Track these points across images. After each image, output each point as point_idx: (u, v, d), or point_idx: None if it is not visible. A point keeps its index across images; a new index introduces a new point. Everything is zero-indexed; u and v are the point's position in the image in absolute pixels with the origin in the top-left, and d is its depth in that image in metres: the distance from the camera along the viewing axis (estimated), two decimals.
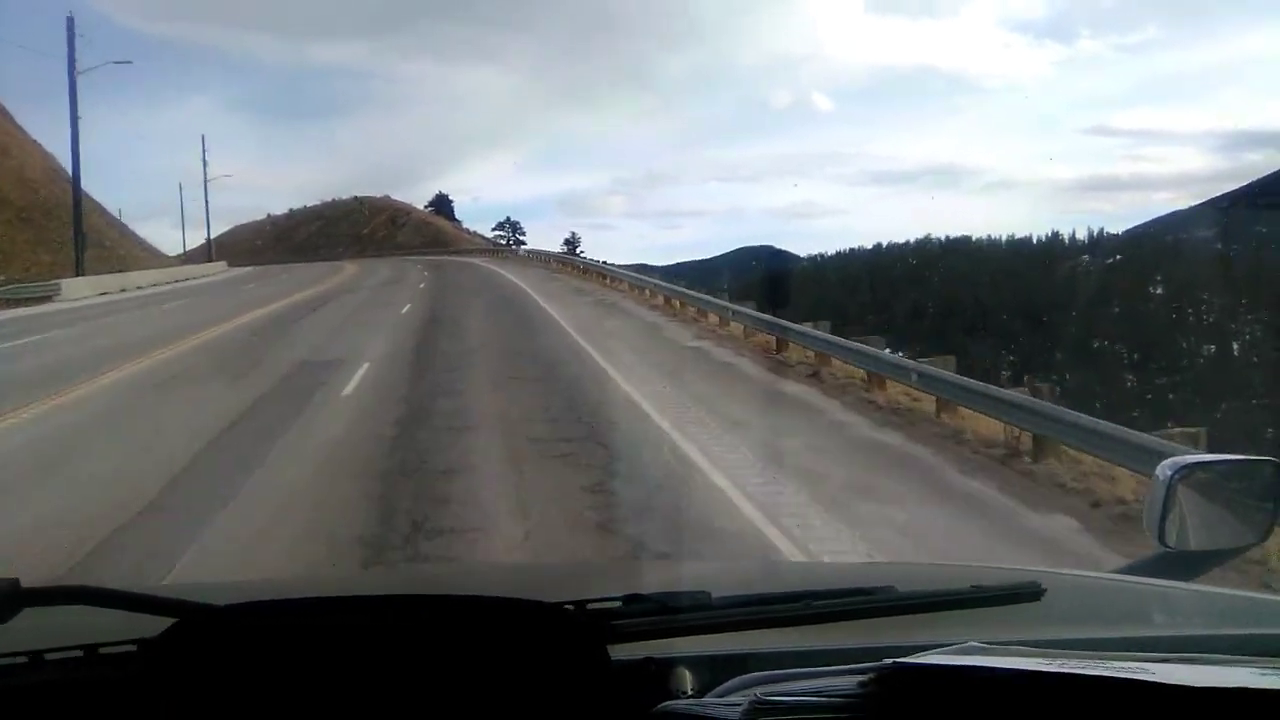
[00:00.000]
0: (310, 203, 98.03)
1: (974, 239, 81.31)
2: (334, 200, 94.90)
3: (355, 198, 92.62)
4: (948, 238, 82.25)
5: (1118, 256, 55.73)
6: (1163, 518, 1.26)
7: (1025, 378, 11.45)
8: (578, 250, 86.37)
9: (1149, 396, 42.05)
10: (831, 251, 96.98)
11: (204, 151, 63.19)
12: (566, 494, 5.96)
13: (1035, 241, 75.50)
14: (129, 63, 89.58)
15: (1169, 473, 1.27)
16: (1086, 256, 60.20)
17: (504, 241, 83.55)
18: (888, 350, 10.17)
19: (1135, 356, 48.89)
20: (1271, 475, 1.33)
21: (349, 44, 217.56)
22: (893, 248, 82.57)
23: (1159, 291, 52.44)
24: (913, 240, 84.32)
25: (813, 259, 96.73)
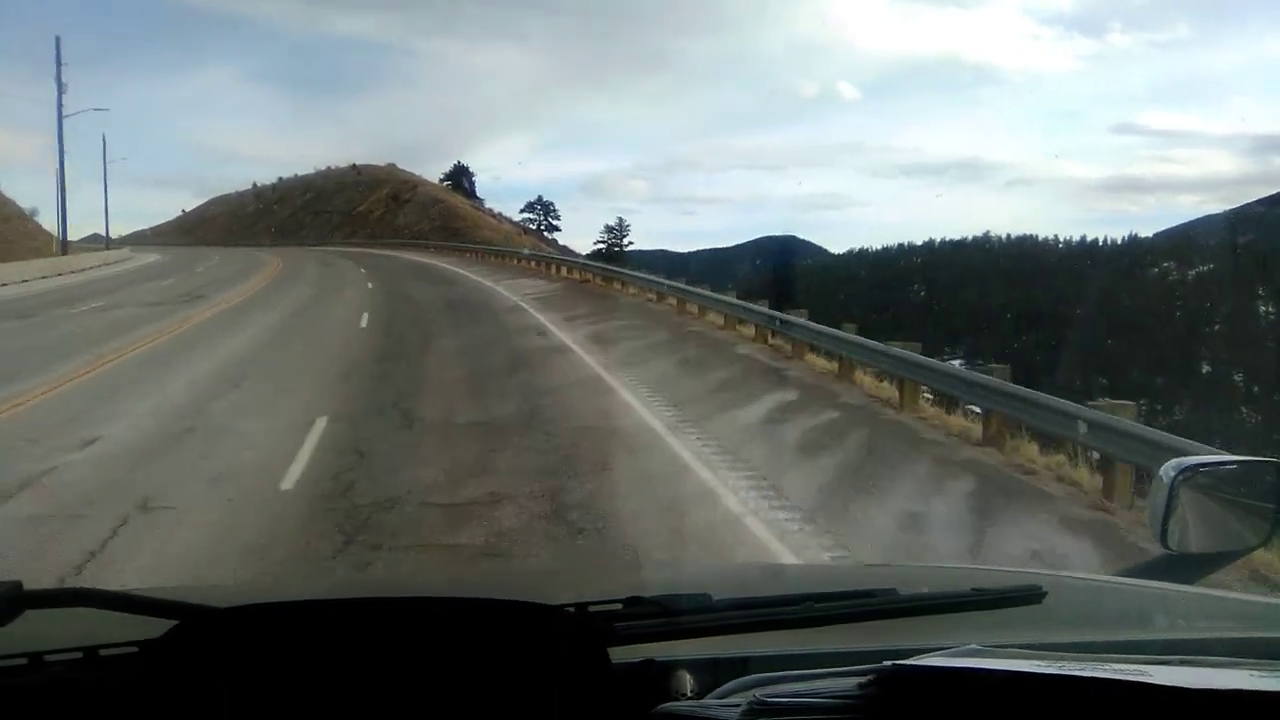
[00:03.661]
0: (299, 170, 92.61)
1: (1040, 238, 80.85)
2: (329, 169, 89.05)
3: (353, 166, 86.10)
4: (1009, 236, 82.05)
5: (1210, 265, 54.55)
6: (1165, 520, 1.37)
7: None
8: (625, 241, 72.44)
9: (1278, 437, 40.80)
10: (878, 246, 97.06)
11: (58, 66, 43.13)
12: None
13: (1106, 244, 74.83)
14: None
15: (1172, 474, 1.38)
16: (1171, 263, 59.07)
17: (535, 226, 71.70)
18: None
19: (1255, 387, 47.39)
20: (1275, 477, 1.44)
21: (368, 17, 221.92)
22: (946, 245, 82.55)
23: (1271, 310, 51.17)
24: (970, 237, 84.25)
25: (853, 253, 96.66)
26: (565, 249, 57.62)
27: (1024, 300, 59.71)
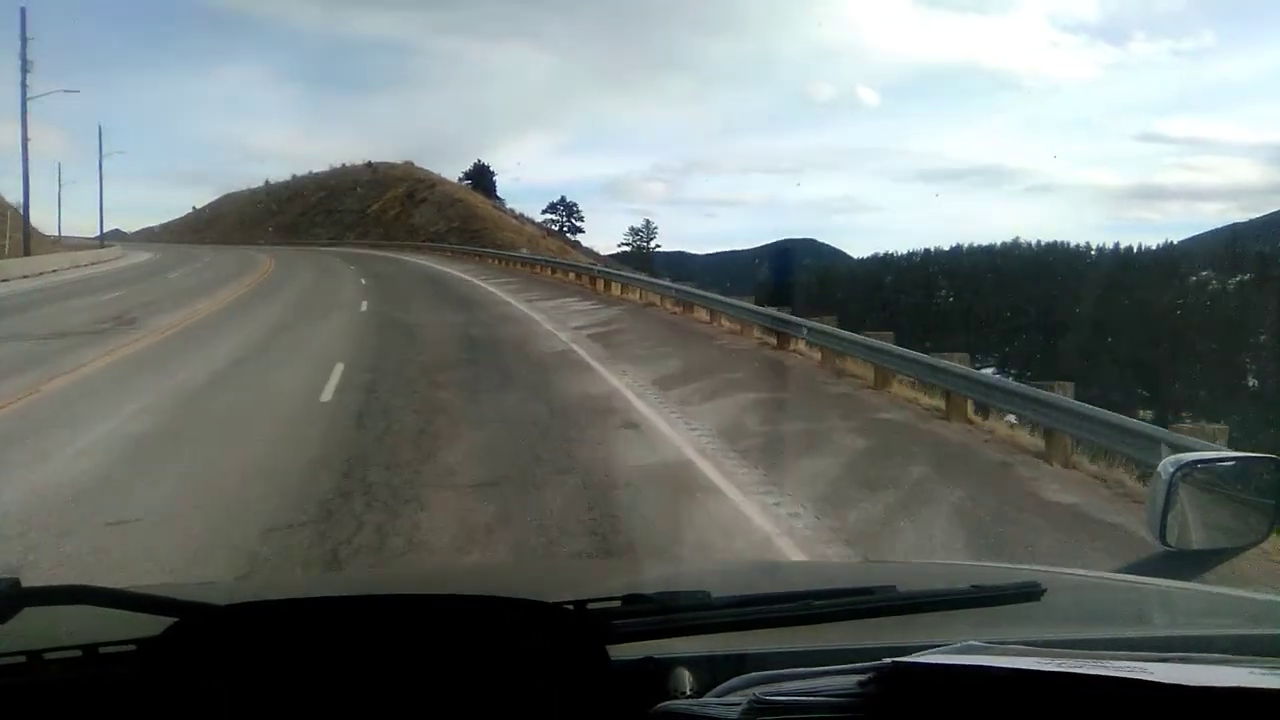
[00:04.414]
0: (317, 169, 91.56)
1: (1071, 245, 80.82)
2: (343, 166, 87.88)
3: (368, 164, 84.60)
4: (1038, 242, 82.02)
5: (1248, 275, 53.91)
6: (1164, 516, 1.39)
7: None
8: (651, 243, 73.81)
9: None
10: (902, 250, 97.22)
11: (23, 42, 40.08)
12: None
13: (1141, 250, 74.69)
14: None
15: (1170, 470, 1.39)
16: (1207, 271, 58.64)
17: (558, 228, 69.55)
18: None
19: None
20: (1272, 474, 1.45)
21: (390, 17, 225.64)
22: (974, 250, 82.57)
23: None
24: (999, 243, 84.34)
25: (877, 258, 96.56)
26: (590, 251, 57.16)
27: (1058, 307, 59.22)
